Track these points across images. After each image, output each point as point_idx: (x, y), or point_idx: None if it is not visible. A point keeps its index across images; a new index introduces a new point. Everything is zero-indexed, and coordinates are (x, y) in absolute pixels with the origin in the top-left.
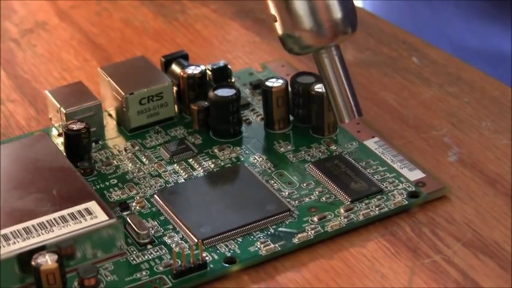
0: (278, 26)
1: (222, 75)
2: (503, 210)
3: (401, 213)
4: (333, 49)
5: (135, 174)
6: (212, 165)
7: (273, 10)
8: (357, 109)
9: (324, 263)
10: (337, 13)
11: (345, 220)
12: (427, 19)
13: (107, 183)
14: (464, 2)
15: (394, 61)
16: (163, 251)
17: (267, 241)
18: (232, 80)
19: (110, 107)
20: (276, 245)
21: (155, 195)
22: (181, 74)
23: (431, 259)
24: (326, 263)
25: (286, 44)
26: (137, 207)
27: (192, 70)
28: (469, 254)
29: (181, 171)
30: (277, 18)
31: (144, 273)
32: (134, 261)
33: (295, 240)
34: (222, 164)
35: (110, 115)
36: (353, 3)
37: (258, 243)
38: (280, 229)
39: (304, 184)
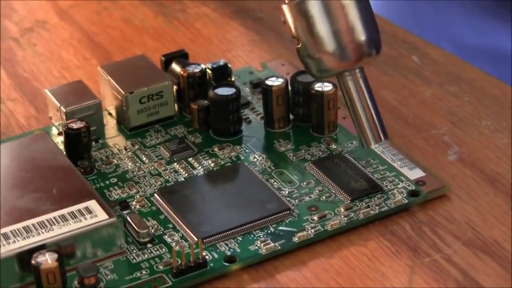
0: (300, 49)
1: (222, 74)
2: (504, 209)
3: (402, 212)
4: (357, 71)
5: (135, 173)
6: (212, 164)
7: (295, 32)
8: (383, 132)
9: (324, 262)
10: (361, 35)
11: (345, 219)
12: (428, 17)
13: (107, 182)
14: (465, 0)
15: (394, 60)
16: (163, 249)
17: (267, 240)
18: (232, 79)
19: (110, 105)
20: (276, 244)
21: (155, 194)
22: (181, 73)
23: (432, 258)
24: (326, 262)
25: (308, 67)
26: (137, 206)
27: (192, 69)
28: (469, 253)
29: (181, 170)
30: (300, 40)
31: (144, 272)
32: (134, 260)
33: (295, 239)
34: (222, 163)
35: (110, 114)
36: (376, 25)
37: (258, 242)
38: (280, 228)
39: (304, 183)
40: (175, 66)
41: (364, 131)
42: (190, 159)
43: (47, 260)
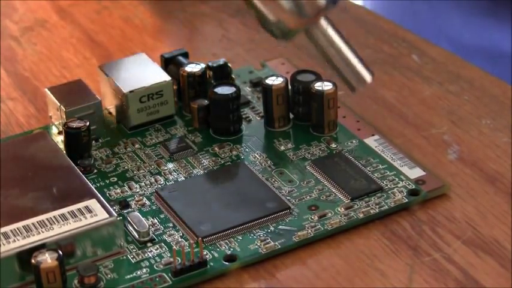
0: (261, 19)
1: (222, 73)
2: (503, 208)
3: (402, 211)
4: (321, 22)
5: (135, 172)
6: (212, 163)
7: (253, 7)
8: (366, 73)
9: (324, 261)
10: None
11: (345, 218)
12: (426, 17)
13: (107, 181)
14: (463, 0)
15: (394, 59)
16: (164, 249)
17: (267, 239)
18: (232, 78)
19: (110, 105)
20: (276, 243)
21: (155, 193)
22: (181, 72)
23: (432, 257)
24: (326, 261)
25: (273, 33)
26: (137, 205)
27: (192, 68)
28: (469, 252)
29: (181, 169)
30: (257, 11)
31: (144, 271)
32: (134, 259)
33: (295, 238)
34: (222, 162)
35: (110, 113)
36: None
37: (258, 241)
38: (280, 227)
39: (304, 182)
40: (175, 65)
41: (347, 77)
42: (190, 158)
43: (47, 259)
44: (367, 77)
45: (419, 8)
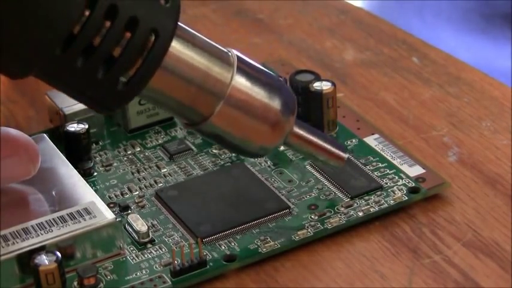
0: (239, 153)
1: None
2: (504, 211)
3: (402, 214)
4: (291, 132)
5: (135, 174)
6: (212, 165)
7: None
8: (342, 151)
9: (323, 263)
10: (273, 115)
11: (345, 217)
12: (418, 33)
13: (107, 184)
14: (456, 17)
15: (394, 61)
16: (163, 249)
17: (267, 239)
18: None
19: None
20: (276, 243)
21: (155, 195)
22: None
23: (431, 259)
24: (326, 263)
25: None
26: (137, 207)
27: None
28: (469, 254)
29: (181, 171)
30: (231, 150)
31: (143, 272)
32: (134, 261)
33: (295, 238)
34: (222, 162)
35: (109, 116)
36: (275, 85)
37: (258, 241)
38: (280, 226)
39: (304, 182)
40: None
41: (327, 162)
42: (190, 159)
43: (46, 261)
44: (344, 156)
45: (411, 23)
